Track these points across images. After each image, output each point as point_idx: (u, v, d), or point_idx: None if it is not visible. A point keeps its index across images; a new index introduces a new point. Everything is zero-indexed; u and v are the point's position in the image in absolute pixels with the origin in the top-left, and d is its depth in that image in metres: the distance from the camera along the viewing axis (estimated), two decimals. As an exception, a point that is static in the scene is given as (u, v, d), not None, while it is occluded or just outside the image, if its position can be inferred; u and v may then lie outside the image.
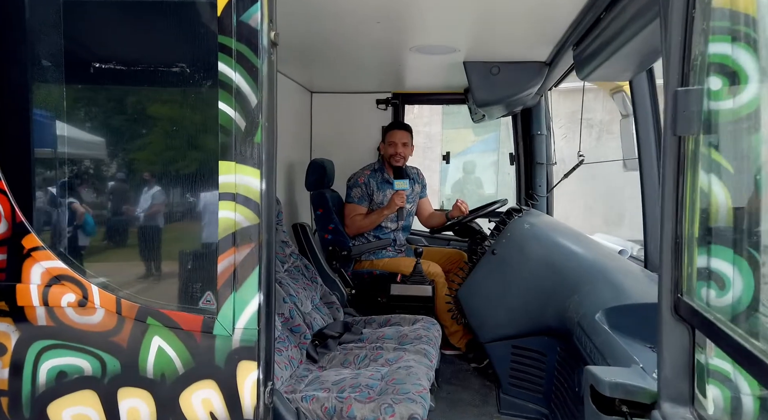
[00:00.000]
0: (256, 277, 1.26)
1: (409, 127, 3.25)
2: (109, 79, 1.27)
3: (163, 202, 1.28)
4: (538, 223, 2.54)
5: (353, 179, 3.20)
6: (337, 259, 3.05)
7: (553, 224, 2.62)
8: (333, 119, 3.76)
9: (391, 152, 3.16)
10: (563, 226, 2.62)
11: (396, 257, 3.17)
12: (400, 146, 3.15)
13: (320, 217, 3.11)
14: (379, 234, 3.19)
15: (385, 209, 3.09)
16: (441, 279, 3.02)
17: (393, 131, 3.19)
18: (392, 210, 3.06)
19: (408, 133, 3.22)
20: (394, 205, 3.04)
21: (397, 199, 3.03)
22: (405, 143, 3.18)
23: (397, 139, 3.16)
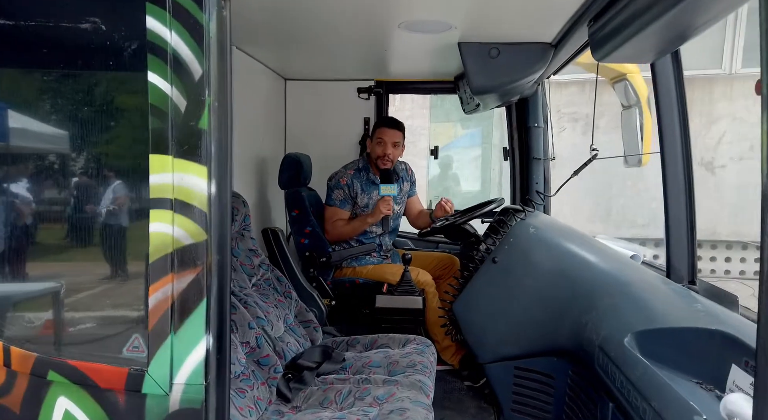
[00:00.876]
0: (202, 313, 0.92)
1: (402, 125, 2.91)
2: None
3: (69, 213, 0.93)
4: (544, 226, 2.24)
5: (335, 179, 2.86)
6: (315, 267, 2.71)
7: (559, 227, 2.32)
8: (309, 109, 3.40)
9: (379, 153, 2.81)
10: (571, 230, 2.33)
11: (381, 264, 2.84)
12: (389, 147, 2.81)
13: (296, 219, 2.76)
14: (363, 238, 2.86)
15: (369, 217, 2.76)
16: (432, 288, 2.70)
17: (382, 129, 2.85)
18: (376, 219, 2.73)
19: (400, 132, 2.88)
20: (378, 214, 2.71)
21: (383, 207, 2.70)
22: (396, 144, 2.84)
23: (387, 138, 2.81)
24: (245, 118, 2.69)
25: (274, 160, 2.90)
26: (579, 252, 2.08)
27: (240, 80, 2.60)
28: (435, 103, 6.68)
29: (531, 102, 3.16)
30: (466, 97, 3.11)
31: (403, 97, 6.58)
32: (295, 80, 3.39)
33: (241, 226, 1.97)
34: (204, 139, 0.92)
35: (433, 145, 3.57)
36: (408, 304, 2.48)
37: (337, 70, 3.19)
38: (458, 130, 6.91)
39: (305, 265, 2.74)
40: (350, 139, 3.37)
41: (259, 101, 2.99)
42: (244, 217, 1.97)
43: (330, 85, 3.36)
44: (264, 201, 3.04)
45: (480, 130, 6.80)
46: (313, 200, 2.86)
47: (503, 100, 2.89)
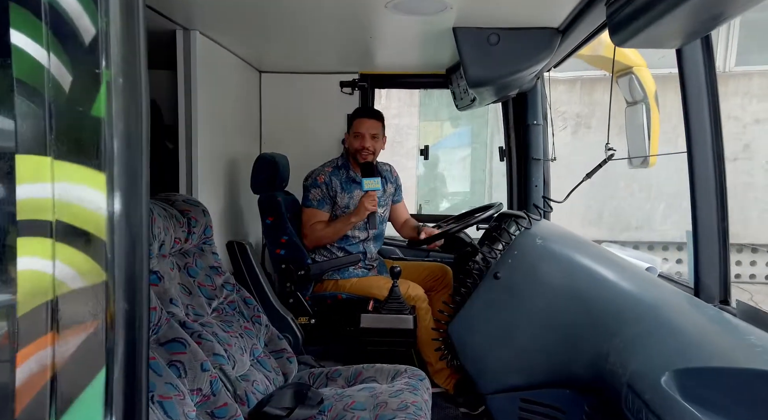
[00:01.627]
0: (99, 391, 0.62)
1: (380, 114, 2.63)
2: None
3: None
4: (551, 236, 1.97)
5: (311, 178, 2.56)
6: (292, 281, 2.41)
7: (568, 237, 2.05)
8: (287, 105, 3.09)
9: (357, 146, 2.53)
10: (580, 239, 2.07)
11: (367, 277, 2.55)
12: (368, 139, 2.52)
13: (271, 227, 2.45)
14: (345, 245, 2.56)
15: (352, 216, 2.46)
16: (424, 303, 2.42)
17: (359, 120, 2.56)
18: (361, 217, 2.43)
19: (379, 122, 2.60)
20: (363, 211, 2.42)
21: (368, 203, 2.41)
22: (374, 135, 2.55)
23: (365, 129, 2.53)
24: (213, 114, 2.38)
25: (248, 161, 2.59)
26: (594, 267, 1.80)
27: (208, 72, 2.29)
28: (422, 101, 6.40)
29: (530, 97, 2.90)
30: (459, 91, 2.83)
31: (389, 94, 6.30)
32: (271, 73, 3.08)
33: (201, 239, 1.66)
34: (102, 133, 0.62)
35: (422, 144, 3.27)
36: (397, 324, 2.19)
37: (318, 61, 2.89)
38: (446, 129, 6.64)
39: (281, 279, 2.43)
40: (332, 137, 3.07)
41: (230, 96, 2.68)
42: (204, 228, 1.66)
43: (310, 78, 3.06)
44: (236, 208, 2.73)
45: (470, 129, 6.54)
46: (290, 205, 2.56)
47: (501, 94, 2.62)
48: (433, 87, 3.18)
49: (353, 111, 2.66)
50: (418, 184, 6.24)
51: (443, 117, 6.48)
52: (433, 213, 5.84)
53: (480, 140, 6.64)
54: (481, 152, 6.48)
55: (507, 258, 1.91)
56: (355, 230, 2.56)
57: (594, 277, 1.78)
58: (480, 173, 6.60)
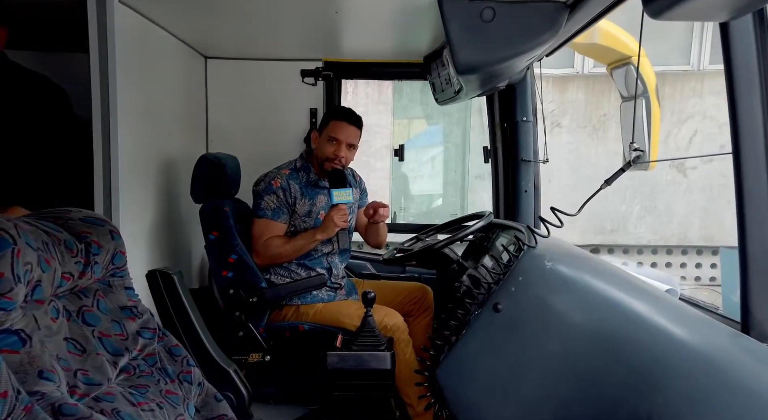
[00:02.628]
0: None
1: (361, 121, 2.23)
2: None
3: None
4: (563, 258, 1.60)
5: (264, 182, 2.13)
6: (242, 309, 1.97)
7: (583, 258, 1.70)
8: (239, 97, 2.64)
9: (330, 153, 2.12)
10: (596, 260, 1.72)
11: (334, 301, 2.13)
12: (344, 148, 2.13)
13: (215, 244, 2.00)
14: (306, 261, 2.14)
15: (317, 232, 2.05)
16: (403, 334, 2.03)
17: (339, 124, 2.14)
18: (329, 234, 2.04)
19: (359, 131, 2.21)
20: (332, 227, 2.03)
21: (337, 218, 2.02)
22: (352, 145, 2.17)
23: (344, 136, 2.13)
24: (142, 107, 1.92)
25: (190, 163, 2.14)
26: (620, 298, 1.45)
27: (134, 54, 1.83)
28: (394, 97, 6.00)
29: (519, 90, 2.55)
30: (440, 82, 2.45)
31: (357, 89, 5.88)
32: (220, 59, 2.62)
33: (107, 271, 1.22)
34: None
35: (396, 143, 2.88)
36: (371, 363, 1.79)
37: (275, 45, 2.46)
38: (418, 128, 6.27)
39: (229, 308, 1.99)
40: (292, 135, 2.64)
41: (165, 85, 2.21)
42: (112, 255, 1.21)
43: (265, 66, 2.62)
44: (172, 224, 2.25)
45: (441, 128, 6.19)
46: (240, 217, 2.12)
47: (489, 85, 2.25)
48: (410, 78, 2.79)
49: (332, 109, 2.24)
50: (392, 187, 5.82)
51: (413, 115, 6.10)
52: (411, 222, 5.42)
53: (450, 140, 6.31)
54: (454, 152, 6.14)
55: (509, 285, 1.54)
56: (319, 244, 2.14)
57: (623, 312, 1.42)
58: (451, 174, 6.26)
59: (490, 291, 1.62)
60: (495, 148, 2.68)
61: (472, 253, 2.51)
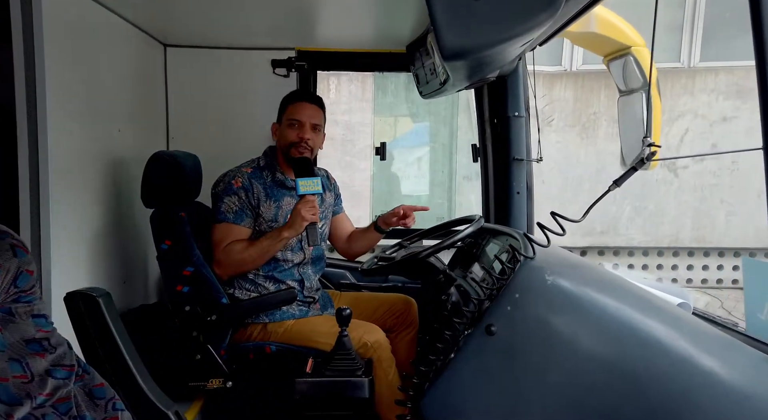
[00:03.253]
0: None
1: (321, 100, 2.00)
2: None
3: None
4: (566, 271, 1.39)
5: (224, 183, 1.89)
6: (200, 329, 1.73)
7: (588, 271, 1.49)
8: (203, 90, 2.39)
9: (293, 137, 1.89)
10: (604, 275, 1.50)
11: (306, 317, 1.89)
12: (307, 128, 1.90)
13: (168, 255, 1.76)
14: (275, 273, 1.90)
15: (284, 229, 1.80)
16: (385, 352, 1.81)
17: (297, 105, 1.93)
18: (297, 230, 1.79)
19: (321, 110, 1.97)
20: (300, 221, 1.76)
21: (305, 210, 1.76)
22: (316, 126, 1.93)
23: (305, 116, 1.90)
24: (80, 102, 1.67)
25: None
26: (633, 318, 1.24)
27: (83, 41, 1.58)
28: (375, 94, 5.76)
29: (510, 83, 2.34)
30: (424, 73, 2.23)
31: (340, 86, 5.65)
32: (181, 47, 2.36)
33: (7, 295, 0.97)
34: None
35: (378, 134, 2.65)
36: (347, 390, 1.56)
37: (242, 32, 2.22)
38: (402, 126, 6.04)
39: (185, 327, 1.75)
40: (262, 132, 2.38)
41: (116, 77, 1.96)
42: (13, 277, 0.98)
43: (232, 55, 2.38)
44: (122, 231, 2.00)
45: (427, 126, 5.97)
46: (199, 223, 1.87)
47: (478, 75, 2.02)
48: (392, 69, 2.56)
49: (287, 94, 2.00)
50: (373, 189, 5.57)
51: (398, 113, 5.87)
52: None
53: (437, 140, 6.09)
54: (441, 152, 5.93)
55: (504, 303, 1.31)
56: (287, 251, 1.91)
57: (638, 336, 1.20)
58: (437, 174, 6.04)
59: (482, 308, 1.40)
60: (484, 146, 2.47)
61: (459, 261, 2.29)
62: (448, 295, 1.87)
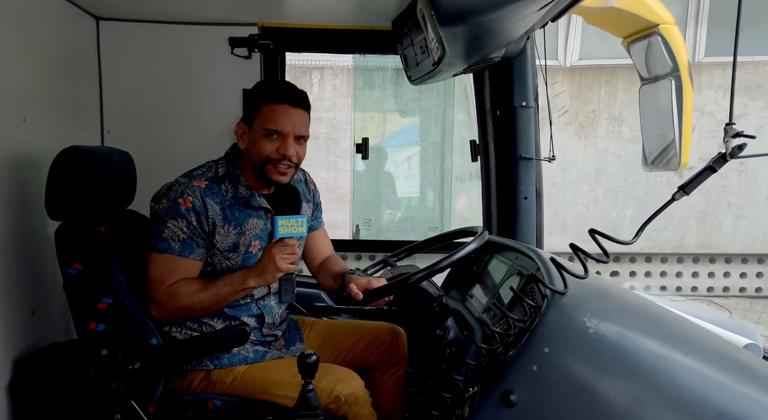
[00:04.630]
0: None
1: (307, 99, 1.47)
2: None
3: None
4: (612, 314, 1.00)
5: (168, 199, 1.41)
6: (120, 379, 1.32)
7: (638, 312, 1.09)
8: (145, 74, 1.98)
9: (271, 153, 1.40)
10: (658, 313, 1.11)
11: (263, 361, 1.48)
12: (291, 143, 1.41)
13: (78, 282, 1.33)
14: (228, 309, 1.46)
15: (251, 277, 1.38)
16: (363, 408, 1.41)
17: (278, 108, 1.41)
18: (267, 281, 1.39)
19: (308, 113, 1.47)
20: (273, 271, 1.36)
21: (281, 258, 1.35)
22: (302, 138, 1.45)
23: (289, 126, 1.41)
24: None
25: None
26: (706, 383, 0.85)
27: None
28: (356, 84, 5.35)
29: (517, 67, 1.96)
30: (413, 53, 1.83)
31: (323, 80, 5.24)
32: (116, 21, 1.94)
33: None
34: None
35: (359, 137, 2.24)
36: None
37: (192, 3, 1.81)
38: (390, 124, 5.63)
39: (101, 377, 1.33)
40: (217, 125, 1.98)
41: (23, 55, 1.54)
42: None
43: (180, 31, 1.97)
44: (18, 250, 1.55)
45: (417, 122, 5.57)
46: (129, 240, 1.45)
47: (480, 53, 1.64)
48: (374, 50, 2.16)
49: (263, 88, 1.49)
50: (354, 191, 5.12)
51: (387, 108, 5.47)
52: (378, 239, 4.66)
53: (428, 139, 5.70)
54: (432, 152, 5.54)
55: (527, 360, 0.92)
56: None
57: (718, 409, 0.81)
58: (429, 175, 5.64)
59: (495, 359, 1.01)
60: (485, 143, 2.08)
61: (456, 281, 1.90)
62: (444, 330, 1.48)
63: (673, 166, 2.02)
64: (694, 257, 5.74)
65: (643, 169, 2.21)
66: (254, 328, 1.50)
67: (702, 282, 5.77)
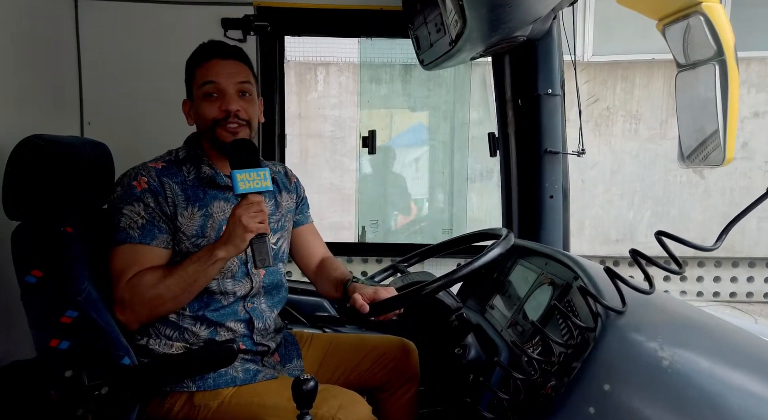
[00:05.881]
0: None
1: (240, 51, 1.35)
2: None
3: None
4: (685, 339, 0.79)
5: (122, 186, 1.26)
6: (87, 403, 1.12)
7: (716, 335, 0.88)
8: (129, 58, 1.79)
9: (215, 113, 1.28)
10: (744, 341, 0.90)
11: (254, 382, 1.28)
12: (232, 96, 1.27)
13: (37, 291, 1.15)
14: (208, 312, 1.28)
15: (218, 246, 1.19)
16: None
17: (207, 64, 1.30)
18: (238, 246, 1.17)
19: (245, 66, 1.33)
20: (241, 232, 1.15)
21: (248, 216, 1.15)
22: (244, 89, 1.30)
23: (223, 78, 1.27)
24: None
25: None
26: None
27: None
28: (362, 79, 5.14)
29: (541, 50, 1.76)
30: (426, 33, 1.63)
31: (328, 77, 5.05)
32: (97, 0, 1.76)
33: None
34: None
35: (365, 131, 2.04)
36: None
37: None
38: (399, 122, 5.42)
39: (65, 402, 1.14)
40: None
41: (9, 37, 1.36)
42: None
43: (167, 11, 1.78)
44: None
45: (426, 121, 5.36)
46: (94, 241, 1.26)
47: (501, 29, 1.44)
48: (383, 34, 1.95)
49: (191, 55, 1.34)
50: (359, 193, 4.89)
51: (395, 105, 5.26)
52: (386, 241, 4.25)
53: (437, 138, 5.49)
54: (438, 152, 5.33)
55: (583, 402, 0.72)
56: (226, 279, 1.29)
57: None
58: (438, 175, 5.43)
59: (531, 390, 0.81)
60: (506, 135, 1.88)
61: (474, 290, 1.70)
62: (463, 347, 1.28)
63: (715, 160, 1.79)
64: (716, 261, 5.48)
65: (678, 165, 1.99)
66: (243, 335, 1.32)
67: (724, 287, 5.51)
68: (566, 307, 1.04)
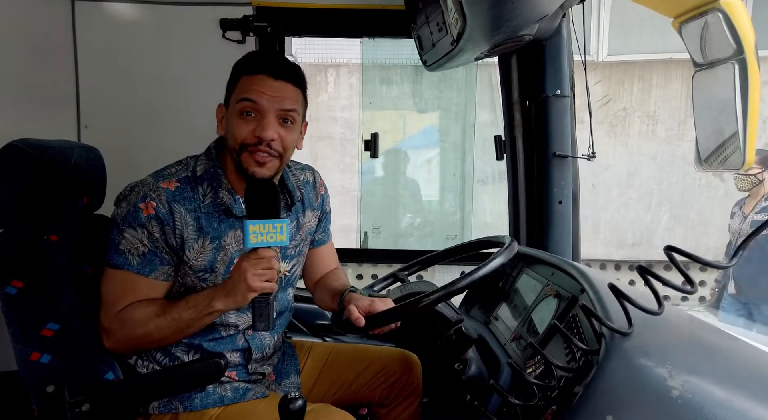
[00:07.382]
0: None
1: (297, 70, 1.18)
2: None
3: None
4: (695, 366, 0.71)
5: (128, 203, 1.15)
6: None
7: (730, 359, 0.80)
8: (126, 60, 1.76)
9: (246, 136, 1.12)
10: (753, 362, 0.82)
11: (243, 401, 1.22)
12: (271, 122, 1.12)
13: (17, 303, 1.11)
14: (205, 342, 1.21)
15: (218, 298, 1.10)
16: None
17: (255, 78, 1.13)
18: (238, 303, 1.09)
19: (297, 88, 1.17)
20: (244, 290, 1.06)
21: (253, 274, 1.06)
22: (288, 115, 1.14)
23: (265, 99, 1.11)
24: None
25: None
26: None
27: None
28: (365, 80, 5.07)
29: (549, 49, 1.68)
30: (429, 33, 1.57)
31: (339, 78, 5.01)
32: (94, 0, 1.73)
33: None
34: None
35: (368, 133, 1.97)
36: None
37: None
38: (408, 125, 5.34)
39: (46, 417, 1.10)
40: (207, 118, 1.74)
41: (5, 40, 1.34)
42: None
43: (164, 12, 1.75)
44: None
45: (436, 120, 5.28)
46: (93, 253, 1.22)
47: (507, 28, 1.37)
48: (385, 33, 1.89)
49: (242, 58, 1.19)
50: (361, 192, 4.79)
51: (404, 106, 5.19)
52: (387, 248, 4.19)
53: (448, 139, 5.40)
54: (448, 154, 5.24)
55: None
56: (229, 312, 1.20)
57: None
58: (449, 178, 5.34)
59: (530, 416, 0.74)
60: (513, 138, 1.81)
61: (478, 299, 1.63)
62: (463, 362, 1.21)
63: (734, 163, 1.71)
64: (729, 266, 5.32)
65: (696, 168, 1.90)
66: (237, 364, 1.24)
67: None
68: (571, 322, 0.97)
